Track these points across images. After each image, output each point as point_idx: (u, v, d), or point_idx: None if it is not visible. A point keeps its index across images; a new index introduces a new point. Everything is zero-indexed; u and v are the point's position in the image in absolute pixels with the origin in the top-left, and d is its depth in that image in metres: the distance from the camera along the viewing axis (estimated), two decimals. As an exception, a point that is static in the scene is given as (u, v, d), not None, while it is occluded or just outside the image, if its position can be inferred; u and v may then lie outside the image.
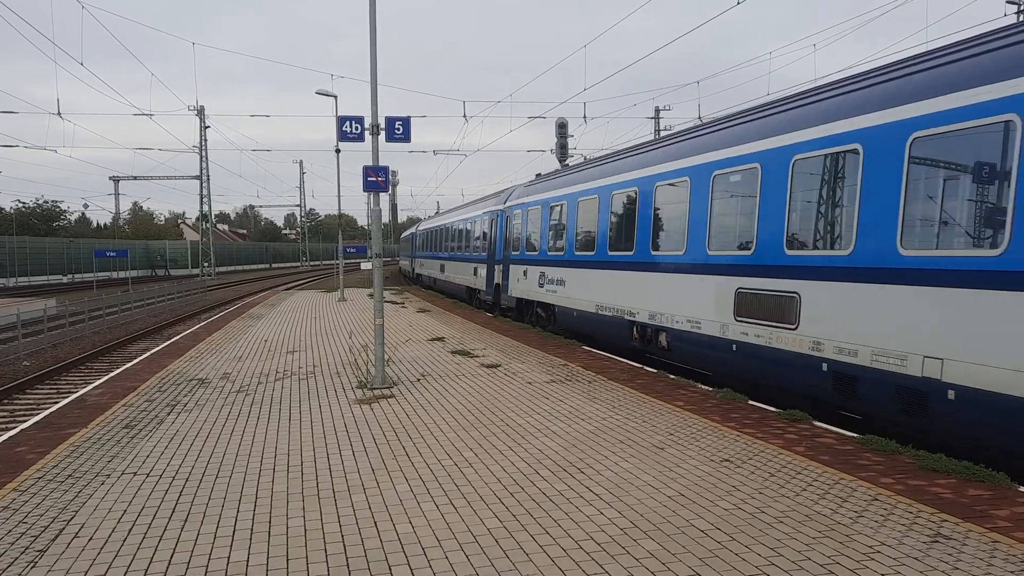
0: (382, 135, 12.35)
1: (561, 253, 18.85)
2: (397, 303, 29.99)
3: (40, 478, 7.21)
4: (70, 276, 64.99)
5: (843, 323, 9.07)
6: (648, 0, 21.49)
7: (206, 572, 5.05)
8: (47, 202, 78.90)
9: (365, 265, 38.01)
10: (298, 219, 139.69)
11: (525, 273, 21.88)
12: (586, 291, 17.04)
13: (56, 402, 12.11)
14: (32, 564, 5.21)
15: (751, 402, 10.46)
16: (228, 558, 5.27)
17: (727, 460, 7.56)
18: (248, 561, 5.21)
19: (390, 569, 5.05)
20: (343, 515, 6.12)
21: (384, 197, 13.30)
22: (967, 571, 4.90)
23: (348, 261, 43.66)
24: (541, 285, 20.45)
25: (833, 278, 9.29)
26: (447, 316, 24.44)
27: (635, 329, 14.65)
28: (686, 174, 12.96)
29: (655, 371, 13.10)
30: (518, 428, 9.01)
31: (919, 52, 9.23)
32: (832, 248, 9.52)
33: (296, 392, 11.47)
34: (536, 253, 21.05)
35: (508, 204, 24.66)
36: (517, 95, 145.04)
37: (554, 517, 6.01)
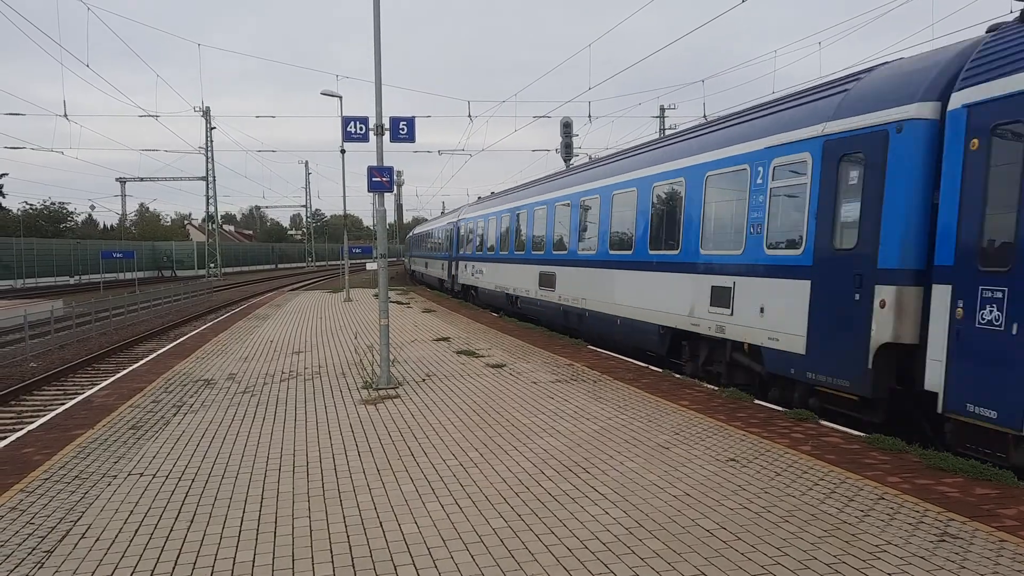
0: (386, 135, 12.35)
1: (481, 253, 29.34)
2: (403, 303, 30.01)
3: (47, 479, 7.23)
4: (77, 277, 65.16)
5: (571, 288, 18.47)
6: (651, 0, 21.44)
7: (212, 572, 5.06)
8: (54, 203, 79.17)
9: (371, 265, 38.23)
10: (304, 220, 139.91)
11: (466, 267, 32.30)
12: (491, 277, 27.21)
13: (63, 403, 12.15)
14: (39, 565, 5.23)
15: (757, 401, 10.45)
16: (234, 558, 5.29)
17: (733, 459, 7.55)
18: (254, 561, 5.22)
19: (396, 569, 5.06)
20: (349, 515, 6.13)
21: (389, 197, 13.34)
22: (974, 570, 4.88)
23: (354, 261, 43.74)
24: (472, 275, 30.90)
25: (567, 264, 18.85)
26: (452, 316, 24.45)
27: (508, 298, 24.89)
28: (523, 209, 23.67)
29: (660, 371, 13.08)
30: (523, 428, 9.01)
31: (718, 118, 14.23)
32: (564, 249, 19.35)
33: (302, 392, 11.48)
34: (470, 253, 31.48)
35: (459, 218, 34.84)
36: (522, 95, 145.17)
37: (559, 517, 6.01)
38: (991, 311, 7.23)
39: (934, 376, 7.87)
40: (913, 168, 8.41)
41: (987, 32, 8.31)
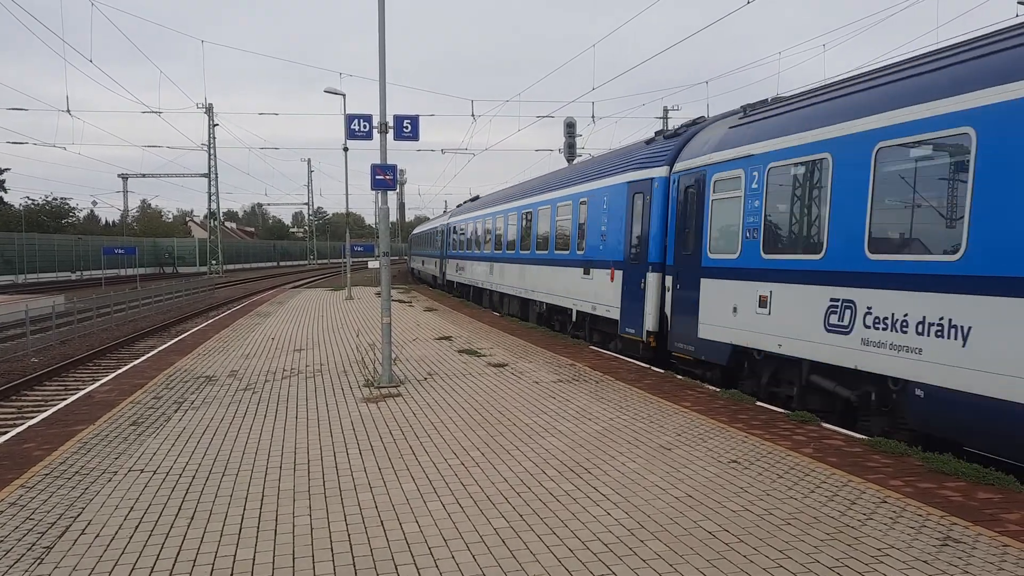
0: (390, 133, 12.33)
1: (460, 252, 35.13)
2: (404, 302, 30.00)
3: (48, 474, 7.22)
4: (79, 273, 65.22)
5: (509, 278, 24.55)
6: (656, 1, 21.43)
7: (212, 570, 5.04)
8: (56, 199, 79.38)
9: (372, 263, 38.51)
10: (306, 217, 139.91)
11: (455, 265, 36.95)
12: (477, 274, 30.77)
13: (64, 399, 12.15)
14: (39, 560, 5.21)
15: (759, 403, 10.43)
16: (234, 556, 5.27)
17: (735, 461, 7.53)
18: (254, 560, 5.21)
19: (396, 569, 5.04)
20: (350, 514, 6.11)
21: (392, 196, 13.41)
22: (977, 575, 4.86)
23: (356, 260, 43.80)
24: (456, 271, 36.26)
25: (509, 261, 24.67)
26: (454, 315, 24.44)
27: (475, 290, 31.16)
28: (476, 220, 30.92)
29: (662, 371, 13.06)
30: (525, 428, 8.99)
31: (579, 163, 22.03)
32: (511, 250, 24.81)
33: (303, 390, 11.47)
34: (455, 252, 36.58)
35: (447, 221, 40.12)
36: (525, 94, 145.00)
37: (561, 517, 5.99)
38: (667, 286, 13.82)
39: (658, 320, 14.09)
40: (662, 205, 14.14)
41: (689, 127, 14.70)
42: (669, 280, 13.64)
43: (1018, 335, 6.90)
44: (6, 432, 9.47)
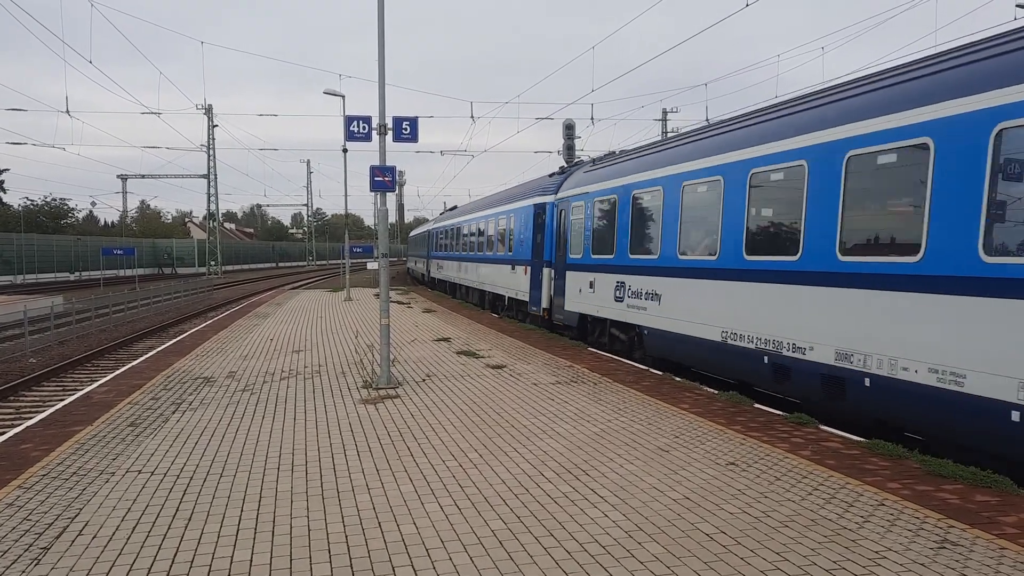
0: (389, 135, 12.34)
1: (438, 253, 41.47)
2: (403, 303, 30.00)
3: (45, 475, 7.21)
4: (77, 273, 65.20)
5: (469, 274, 31.65)
6: (657, 2, 21.47)
7: (209, 572, 5.04)
8: (55, 200, 79.26)
9: (371, 265, 38.80)
10: (305, 218, 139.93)
11: (436, 264, 42.49)
12: (451, 271, 36.76)
13: (62, 399, 12.14)
14: (36, 561, 5.21)
15: (756, 405, 10.43)
16: (231, 557, 5.27)
17: (733, 463, 7.53)
18: (252, 561, 5.21)
19: (394, 570, 5.04)
20: (347, 515, 6.11)
21: (391, 197, 13.43)
22: (974, 578, 4.86)
23: (354, 261, 43.84)
24: (438, 269, 41.77)
25: (468, 260, 31.89)
26: (453, 317, 24.44)
27: (450, 285, 36.86)
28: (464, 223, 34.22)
29: (660, 373, 13.07)
30: (523, 429, 8.99)
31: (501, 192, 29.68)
32: (471, 251, 31.56)
33: (301, 391, 11.47)
34: (436, 253, 42.85)
35: (430, 227, 48.23)
36: (525, 96, 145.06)
37: (559, 519, 5.99)
38: (554, 276, 19.55)
39: (550, 300, 20.02)
40: (551, 222, 20.17)
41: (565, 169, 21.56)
42: (554, 273, 19.89)
43: (684, 300, 12.87)
44: (4, 433, 9.46)
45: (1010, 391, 6.82)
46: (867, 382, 8.64)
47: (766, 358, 10.48)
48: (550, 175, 22.44)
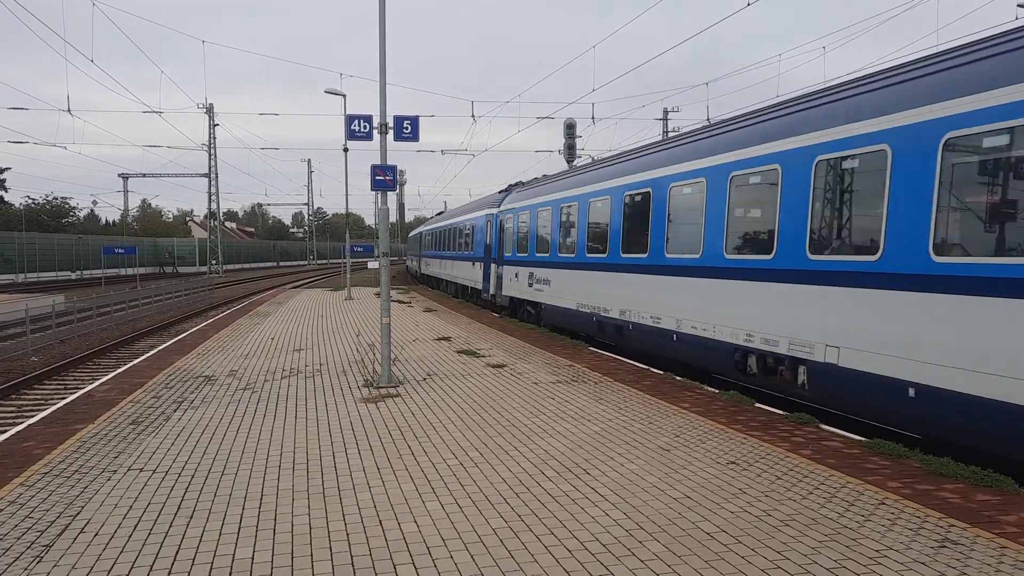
0: (390, 134, 12.34)
1: (431, 252, 46.00)
2: (404, 302, 30.01)
3: (47, 473, 7.23)
4: (79, 272, 65.23)
5: (446, 268, 38.89)
6: (658, 1, 21.48)
7: (211, 569, 5.05)
8: (57, 199, 79.35)
9: (372, 264, 39.22)
10: (306, 218, 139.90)
11: (425, 262, 49.59)
12: (434, 268, 43.42)
13: (64, 398, 12.16)
14: (38, 559, 5.22)
15: (757, 405, 10.44)
16: (233, 555, 5.28)
17: (733, 462, 7.54)
18: (253, 559, 5.22)
19: (395, 568, 5.05)
20: (348, 514, 6.12)
21: (392, 196, 13.48)
22: (975, 577, 4.87)
23: (355, 260, 43.90)
24: (426, 266, 48.82)
25: (443, 258, 40.18)
26: (453, 316, 24.45)
27: (435, 279, 43.01)
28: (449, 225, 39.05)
29: (661, 372, 13.08)
30: (523, 428, 9.00)
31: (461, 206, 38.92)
32: (442, 249, 39.85)
33: (302, 390, 11.48)
34: (426, 252, 49.48)
35: (420, 229, 55.17)
36: (526, 95, 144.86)
37: (559, 518, 6.00)
38: (497, 270, 26.19)
39: (495, 288, 26.53)
40: (495, 230, 26.36)
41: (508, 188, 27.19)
42: (497, 267, 25.87)
43: (562, 284, 18.73)
44: (6, 431, 9.47)
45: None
46: (622, 323, 15.15)
47: (594, 318, 16.46)
48: (499, 191, 28.75)
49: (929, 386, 7.68)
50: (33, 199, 78.13)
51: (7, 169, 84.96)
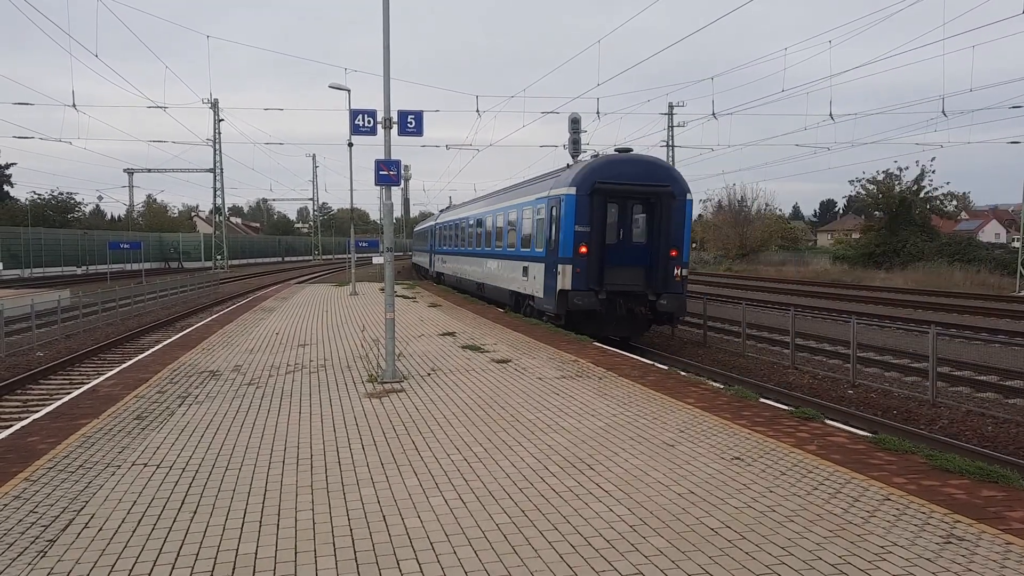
0: (394, 129, 12.32)
1: (420, 247, 58.87)
2: (408, 298, 30.00)
3: (51, 468, 7.24)
4: (84, 268, 65.37)
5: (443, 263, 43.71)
6: (662, -4, 21.52)
7: (215, 564, 5.05)
8: (62, 194, 79.41)
9: (377, 259, 39.52)
10: (311, 213, 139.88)
11: (439, 259, 48.20)
12: (421, 258, 56.84)
13: (68, 392, 12.18)
14: (42, 554, 5.23)
15: (762, 400, 10.41)
16: (236, 550, 5.28)
17: (738, 458, 7.52)
18: (256, 554, 5.22)
19: (398, 563, 5.05)
20: (352, 509, 6.12)
21: (396, 191, 13.51)
22: (980, 572, 4.85)
23: (360, 255, 43.95)
24: (419, 256, 59.58)
25: (445, 254, 42.98)
26: (458, 311, 24.44)
27: (426, 271, 51.49)
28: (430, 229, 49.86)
29: (666, 368, 13.06)
30: (528, 424, 8.99)
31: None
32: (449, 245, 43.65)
33: (307, 385, 11.48)
34: (420, 247, 59.53)
35: (432, 223, 52.84)
36: (530, 90, 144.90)
37: (563, 513, 5.99)
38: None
39: (436, 271, 44.87)
40: (433, 233, 49.19)
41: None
42: (437, 256, 41.13)
43: (452, 263, 37.55)
44: (11, 426, 9.50)
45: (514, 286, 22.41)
46: (486, 288, 27.16)
47: (478, 286, 25.68)
48: (440, 211, 42.93)
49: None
50: (39, 194, 78.41)
51: (13, 164, 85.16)
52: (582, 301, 18.34)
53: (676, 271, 18.74)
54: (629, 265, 18.98)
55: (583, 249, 18.29)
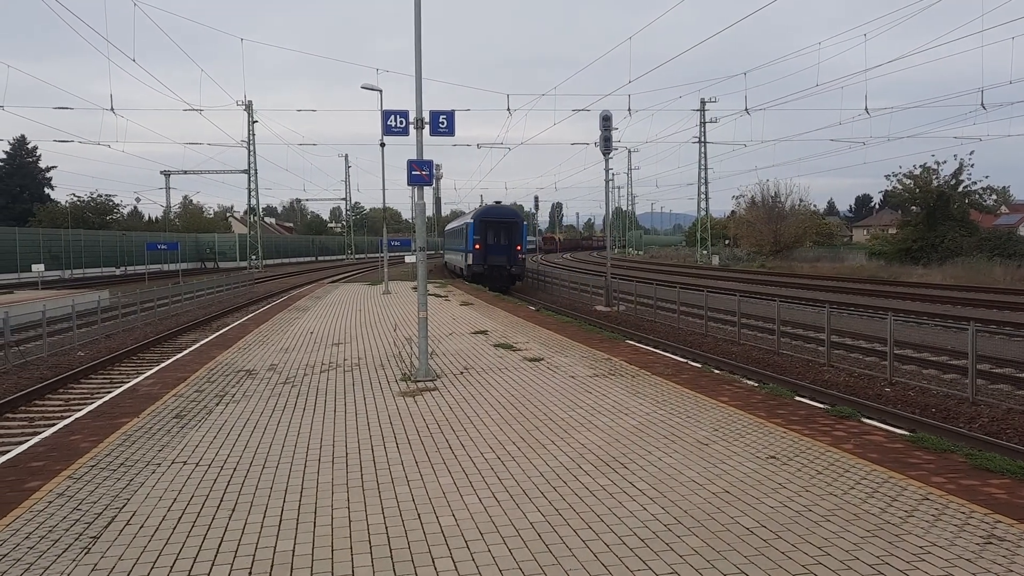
0: (426, 129, 12.39)
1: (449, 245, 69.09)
2: (441, 296, 30.13)
3: (94, 466, 7.39)
4: (123, 268, 66.41)
5: (455, 256, 55.39)
6: (693, -9, 21.43)
7: (253, 561, 5.13)
8: (101, 196, 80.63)
9: (409, 258, 40.26)
10: (343, 212, 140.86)
11: (446, 254, 66.34)
12: (449, 256, 63.86)
13: (109, 391, 12.40)
14: (86, 550, 5.34)
15: (797, 398, 10.32)
16: (274, 547, 5.35)
17: (773, 457, 7.47)
18: (294, 551, 5.29)
19: (433, 561, 5.08)
20: (387, 507, 6.17)
21: (428, 191, 13.59)
22: (1021, 574, 4.77)
23: (393, 254, 44.23)
24: (449, 257, 66.39)
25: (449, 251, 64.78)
26: (490, 309, 24.49)
27: (454, 268, 57.37)
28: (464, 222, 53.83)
29: (699, 366, 12.99)
30: (561, 422, 9.00)
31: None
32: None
33: (341, 384, 11.59)
34: (448, 246, 67.23)
35: (452, 225, 66.06)
36: (561, 88, 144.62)
37: (597, 512, 6.00)
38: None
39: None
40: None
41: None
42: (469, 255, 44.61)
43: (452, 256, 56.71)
44: (54, 424, 9.71)
45: (460, 263, 46.34)
46: (453, 265, 54.19)
47: (460, 268, 45.92)
48: (448, 221, 66.22)
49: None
50: (78, 196, 79.53)
51: (53, 167, 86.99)
52: (477, 269, 39.38)
53: (519, 256, 39.88)
54: (498, 254, 39.53)
55: (477, 246, 39.46)
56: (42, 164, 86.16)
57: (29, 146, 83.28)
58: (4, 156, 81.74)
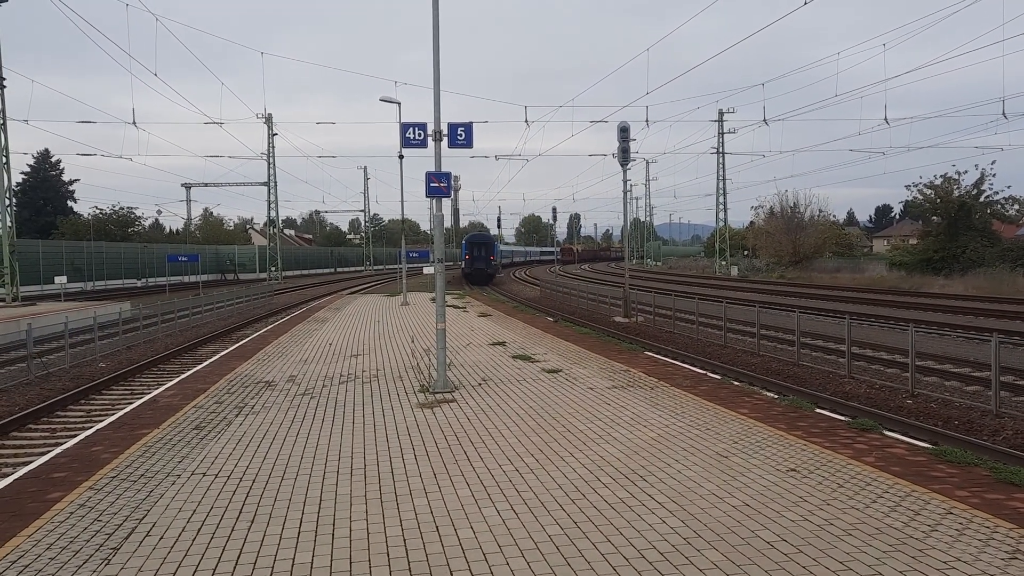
0: (444, 141, 12.43)
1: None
2: (459, 307, 30.16)
3: (114, 477, 7.44)
4: (144, 280, 66.95)
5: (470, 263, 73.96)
6: (713, 1, 21.29)
7: (272, 572, 5.14)
8: (123, 208, 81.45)
9: (428, 269, 39.63)
10: (362, 224, 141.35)
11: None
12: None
13: (130, 403, 12.49)
14: (106, 561, 5.37)
15: (818, 410, 10.24)
16: (293, 559, 5.36)
17: (794, 470, 7.40)
18: (312, 563, 5.29)
19: (452, 574, 5.07)
20: (405, 519, 6.17)
21: (446, 202, 13.64)
22: (1049, 590, 4.69)
23: (411, 266, 44.31)
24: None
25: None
26: (508, 320, 24.49)
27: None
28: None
29: (719, 378, 12.91)
30: (579, 434, 8.97)
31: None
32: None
33: (360, 395, 11.61)
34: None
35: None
36: (579, 99, 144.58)
37: (616, 525, 5.96)
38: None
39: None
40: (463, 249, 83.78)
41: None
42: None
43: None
44: (76, 435, 9.78)
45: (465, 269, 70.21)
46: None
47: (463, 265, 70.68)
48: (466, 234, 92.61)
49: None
50: (101, 209, 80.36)
51: (76, 181, 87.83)
52: (468, 272, 66.11)
53: (493, 262, 67.69)
54: (480, 262, 65.67)
55: (467, 256, 66.74)
56: (65, 177, 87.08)
57: (52, 159, 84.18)
58: (28, 169, 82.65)
